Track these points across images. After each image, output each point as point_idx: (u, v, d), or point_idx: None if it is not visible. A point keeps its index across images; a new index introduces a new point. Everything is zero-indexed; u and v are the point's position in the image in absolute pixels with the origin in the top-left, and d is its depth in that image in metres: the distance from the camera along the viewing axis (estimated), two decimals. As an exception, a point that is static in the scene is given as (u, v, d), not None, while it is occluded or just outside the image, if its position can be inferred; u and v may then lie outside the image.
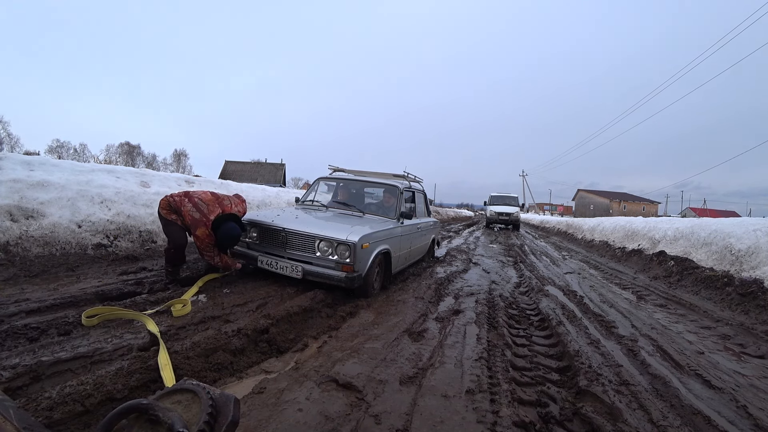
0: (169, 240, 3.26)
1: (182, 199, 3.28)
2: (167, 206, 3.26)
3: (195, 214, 3.20)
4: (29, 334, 2.02)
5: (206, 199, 3.31)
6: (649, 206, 57.07)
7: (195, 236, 3.23)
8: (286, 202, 8.05)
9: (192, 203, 3.24)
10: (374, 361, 2.16)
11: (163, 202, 3.29)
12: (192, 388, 0.72)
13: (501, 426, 1.64)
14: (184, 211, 3.22)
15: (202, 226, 3.19)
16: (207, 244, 3.24)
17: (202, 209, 3.23)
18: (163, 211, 3.26)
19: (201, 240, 3.21)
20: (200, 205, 3.25)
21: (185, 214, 3.21)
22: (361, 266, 3.23)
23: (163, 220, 3.30)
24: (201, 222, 3.18)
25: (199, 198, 3.30)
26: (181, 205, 3.24)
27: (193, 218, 3.19)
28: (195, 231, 3.20)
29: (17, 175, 4.06)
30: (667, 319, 3.61)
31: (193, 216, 3.20)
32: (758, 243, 4.78)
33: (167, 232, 3.30)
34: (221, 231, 3.25)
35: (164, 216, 3.26)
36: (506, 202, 17.91)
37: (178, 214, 3.25)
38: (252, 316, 2.61)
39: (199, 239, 3.21)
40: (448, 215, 26.05)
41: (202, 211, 3.22)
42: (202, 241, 3.22)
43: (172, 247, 3.22)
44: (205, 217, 3.20)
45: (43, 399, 1.46)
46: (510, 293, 4.18)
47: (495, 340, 2.65)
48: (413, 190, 5.02)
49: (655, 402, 1.96)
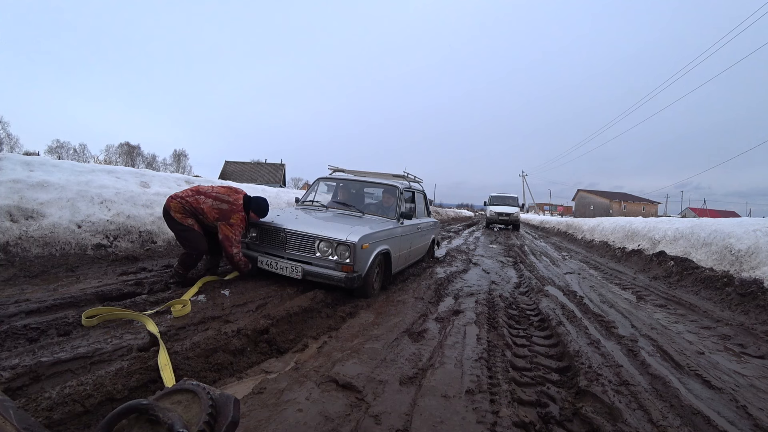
0: (190, 246, 3.12)
1: (197, 197, 3.18)
2: (181, 210, 3.10)
3: (222, 205, 3.17)
4: (29, 334, 2.02)
5: (223, 191, 3.31)
6: (649, 206, 57.09)
7: (228, 227, 3.13)
8: (286, 203, 8.06)
9: (212, 198, 3.20)
10: (374, 361, 2.16)
11: (175, 205, 3.11)
12: (192, 388, 0.72)
13: (501, 426, 1.64)
14: (206, 208, 3.13)
15: (236, 213, 3.16)
16: (241, 230, 3.20)
17: (226, 199, 3.21)
18: (177, 215, 3.09)
19: (235, 228, 3.13)
20: (221, 196, 3.24)
21: (208, 211, 3.13)
22: (361, 266, 3.23)
23: (178, 226, 3.12)
24: (232, 209, 3.16)
25: (216, 191, 3.28)
26: (200, 203, 3.15)
27: (221, 210, 3.14)
28: (229, 220, 3.13)
29: (17, 176, 4.06)
30: (667, 319, 3.61)
31: (221, 208, 3.15)
32: (758, 243, 4.79)
33: (186, 239, 3.13)
34: (255, 204, 3.29)
35: (179, 221, 3.10)
36: (506, 202, 17.92)
37: (197, 216, 3.15)
38: (252, 316, 2.61)
39: (233, 228, 3.13)
40: (448, 215, 26.06)
41: (228, 200, 3.21)
42: (235, 228, 3.14)
43: (194, 253, 3.12)
44: (235, 204, 3.20)
45: (43, 399, 1.46)
46: (510, 293, 4.18)
47: (495, 341, 2.65)
48: (413, 191, 5.02)
49: (654, 402, 1.96)
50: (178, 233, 3.19)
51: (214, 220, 3.18)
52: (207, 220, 3.19)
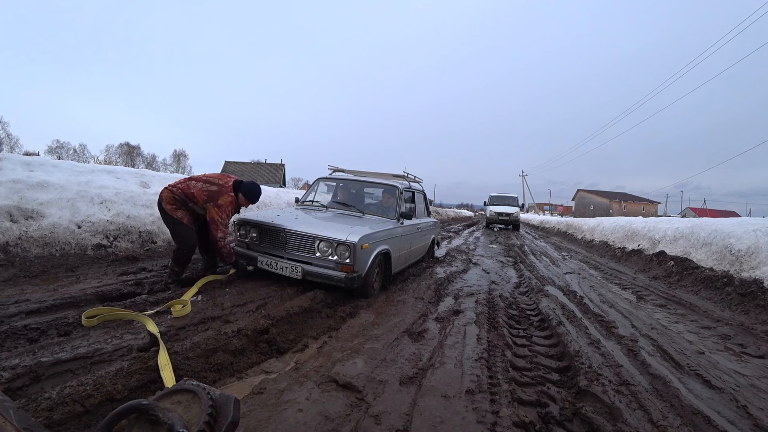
0: (180, 241, 3.14)
1: (188, 183, 3.17)
2: (171, 200, 3.10)
3: (212, 187, 3.16)
4: (29, 334, 2.02)
5: (214, 176, 3.32)
6: (649, 206, 57.10)
7: (215, 208, 3.10)
8: (286, 203, 8.06)
9: (202, 181, 3.19)
10: (374, 361, 2.16)
11: (166, 196, 3.10)
12: (192, 388, 0.72)
13: (501, 426, 1.64)
14: (195, 192, 3.11)
15: (225, 194, 3.14)
16: (229, 213, 3.16)
17: (216, 182, 3.21)
18: (168, 206, 3.09)
19: (222, 209, 3.10)
20: (212, 179, 3.24)
21: (198, 195, 3.10)
22: (361, 266, 3.23)
23: (170, 220, 3.12)
24: (221, 191, 3.15)
25: (207, 176, 3.29)
26: (190, 188, 3.14)
27: (210, 192, 3.12)
28: (217, 201, 3.10)
29: (17, 176, 4.06)
30: (667, 319, 3.61)
31: (210, 190, 3.13)
32: (758, 243, 4.79)
33: (176, 233, 3.15)
34: (245, 187, 3.27)
35: (170, 213, 3.09)
36: (506, 202, 17.92)
37: (186, 204, 3.13)
38: (252, 316, 2.61)
39: (220, 209, 3.09)
40: (448, 215, 26.06)
41: (218, 183, 3.20)
42: (223, 210, 3.10)
43: (184, 248, 3.12)
44: (225, 186, 3.19)
45: (43, 399, 1.46)
46: (510, 293, 4.18)
47: (495, 341, 2.65)
48: (413, 191, 5.02)
49: (655, 402, 1.96)
50: (170, 227, 3.21)
51: (204, 203, 3.14)
52: (198, 205, 3.15)
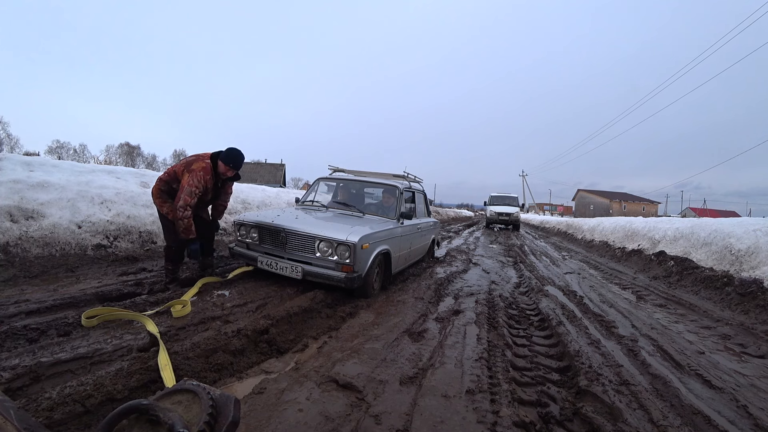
0: (167, 235, 3.24)
1: (174, 167, 3.25)
2: (158, 193, 3.19)
3: (191, 158, 3.24)
4: (29, 334, 2.02)
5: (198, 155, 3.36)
6: (649, 206, 57.09)
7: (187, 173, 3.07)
8: (286, 203, 8.06)
9: (185, 161, 3.25)
10: (374, 361, 2.16)
11: (155, 190, 3.20)
12: (192, 388, 0.72)
13: (501, 426, 1.64)
14: (177, 168, 3.19)
15: (200, 161, 3.16)
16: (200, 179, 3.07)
17: (196, 155, 3.28)
18: (156, 201, 3.20)
19: (194, 175, 3.05)
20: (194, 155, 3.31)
21: (178, 170, 3.16)
22: (361, 266, 3.23)
23: (161, 218, 3.25)
24: (197, 158, 3.19)
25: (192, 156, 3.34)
26: (174, 169, 3.22)
27: (188, 161, 3.19)
28: (191, 167, 3.11)
29: (17, 176, 4.06)
30: (667, 319, 3.61)
31: (188, 161, 3.19)
32: (758, 243, 4.79)
33: (163, 225, 3.26)
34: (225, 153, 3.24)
35: (158, 207, 3.21)
36: (506, 202, 17.91)
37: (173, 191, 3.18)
38: (252, 316, 2.61)
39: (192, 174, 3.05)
40: (448, 215, 26.06)
41: (198, 155, 3.26)
42: (194, 175, 3.05)
43: (173, 245, 3.19)
44: (201, 155, 3.25)
45: (44, 399, 1.46)
46: (510, 293, 4.18)
47: (495, 341, 2.65)
48: (413, 191, 5.02)
49: (655, 402, 1.96)
50: (162, 224, 3.29)
51: (181, 174, 3.15)
52: (178, 176, 3.16)
